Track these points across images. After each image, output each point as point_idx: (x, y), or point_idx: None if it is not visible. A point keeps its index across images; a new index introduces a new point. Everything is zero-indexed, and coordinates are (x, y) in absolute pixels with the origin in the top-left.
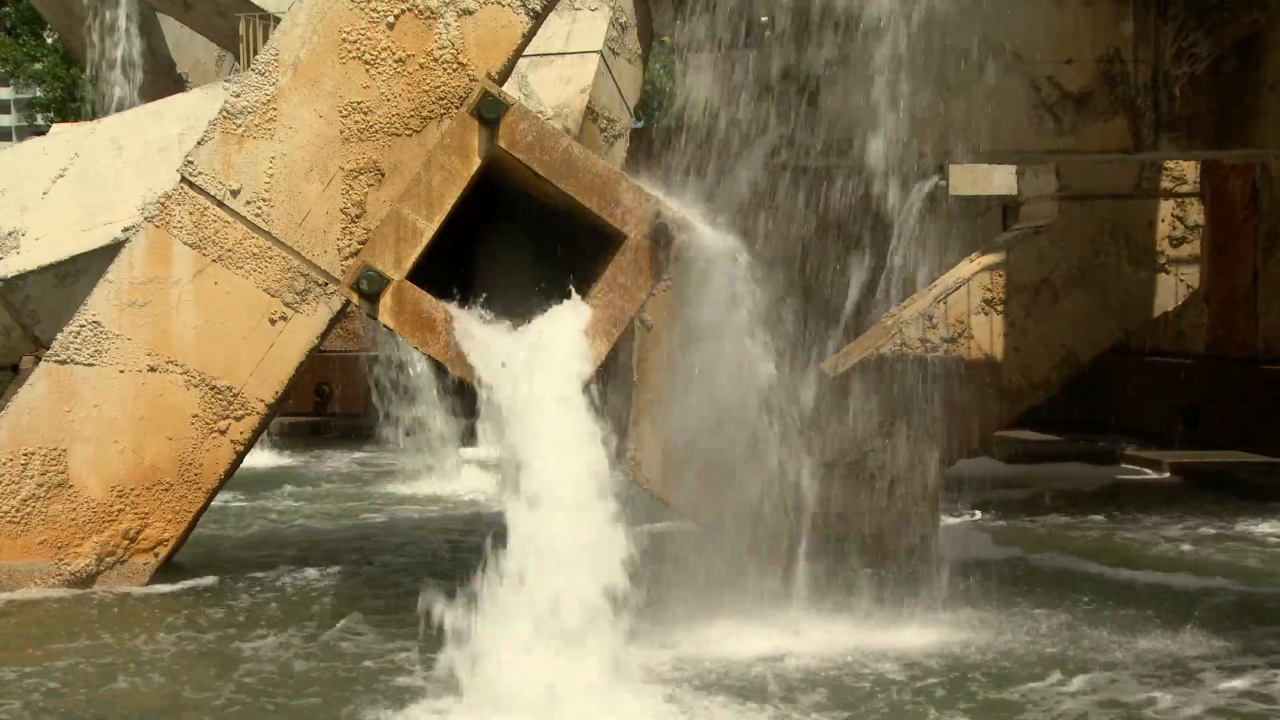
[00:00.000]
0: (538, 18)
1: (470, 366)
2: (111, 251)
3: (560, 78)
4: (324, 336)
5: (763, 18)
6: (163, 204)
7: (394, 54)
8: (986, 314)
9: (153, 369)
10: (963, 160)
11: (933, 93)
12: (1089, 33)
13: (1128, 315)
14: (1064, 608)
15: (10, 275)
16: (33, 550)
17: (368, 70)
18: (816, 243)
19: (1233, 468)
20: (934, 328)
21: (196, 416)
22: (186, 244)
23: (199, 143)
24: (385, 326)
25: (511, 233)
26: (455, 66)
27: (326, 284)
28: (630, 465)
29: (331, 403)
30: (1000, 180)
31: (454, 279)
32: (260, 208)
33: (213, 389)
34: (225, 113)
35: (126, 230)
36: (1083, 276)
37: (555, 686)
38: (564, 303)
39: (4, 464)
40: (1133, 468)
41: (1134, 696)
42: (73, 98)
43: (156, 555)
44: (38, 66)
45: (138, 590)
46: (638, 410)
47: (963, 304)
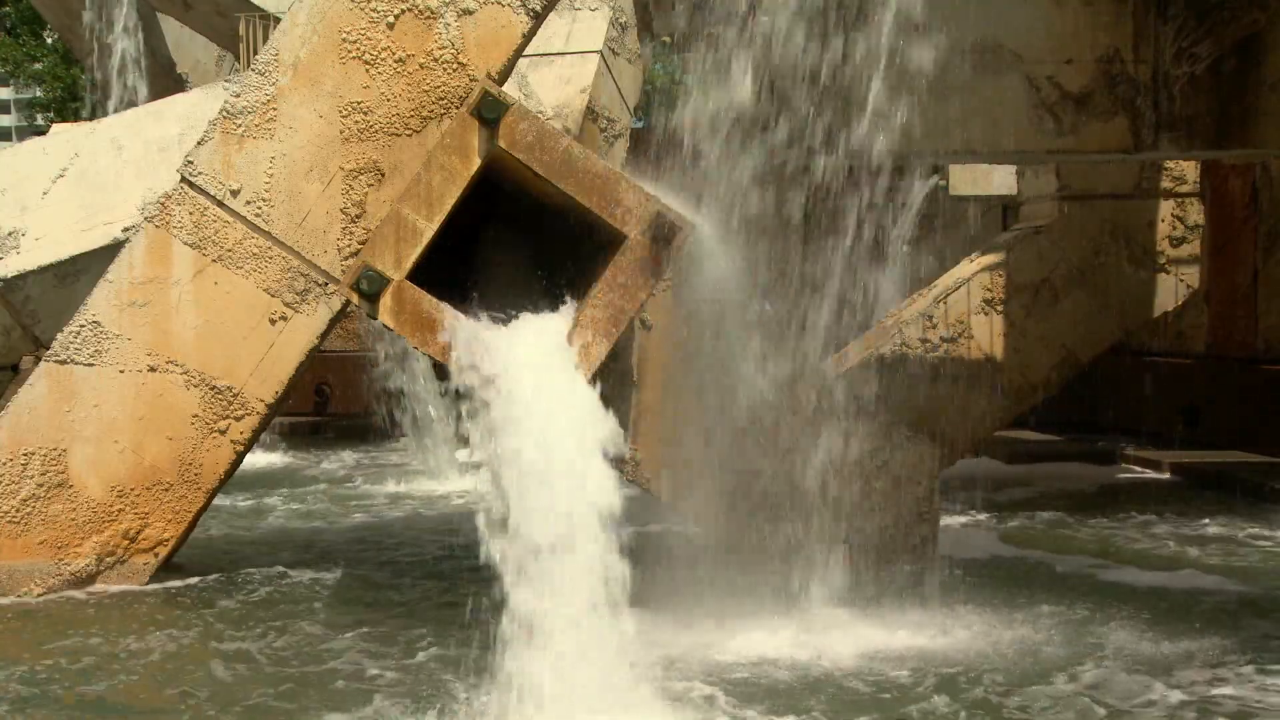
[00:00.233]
0: (538, 18)
1: (470, 367)
2: (111, 251)
3: (560, 78)
4: (324, 336)
5: (763, 17)
6: (163, 204)
7: (394, 54)
8: (986, 314)
9: (153, 369)
10: (962, 160)
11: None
12: (1089, 33)
13: (1128, 315)
14: (1064, 608)
15: (10, 275)
16: (33, 550)
17: (368, 70)
18: (815, 241)
19: (1233, 468)
20: (934, 328)
21: (196, 416)
22: (186, 244)
23: (199, 143)
24: (385, 326)
25: (511, 233)
26: (455, 66)
27: (326, 284)
28: (630, 465)
29: (331, 403)
30: (1000, 180)
31: (454, 279)
32: (260, 208)
33: (213, 389)
34: (225, 113)
35: (126, 230)
36: (1083, 276)
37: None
38: (563, 303)
39: (4, 464)
40: (1132, 468)
41: (1134, 696)
42: (73, 98)
43: (156, 555)
44: (38, 66)
45: (136, 590)
46: (638, 410)
47: (963, 304)
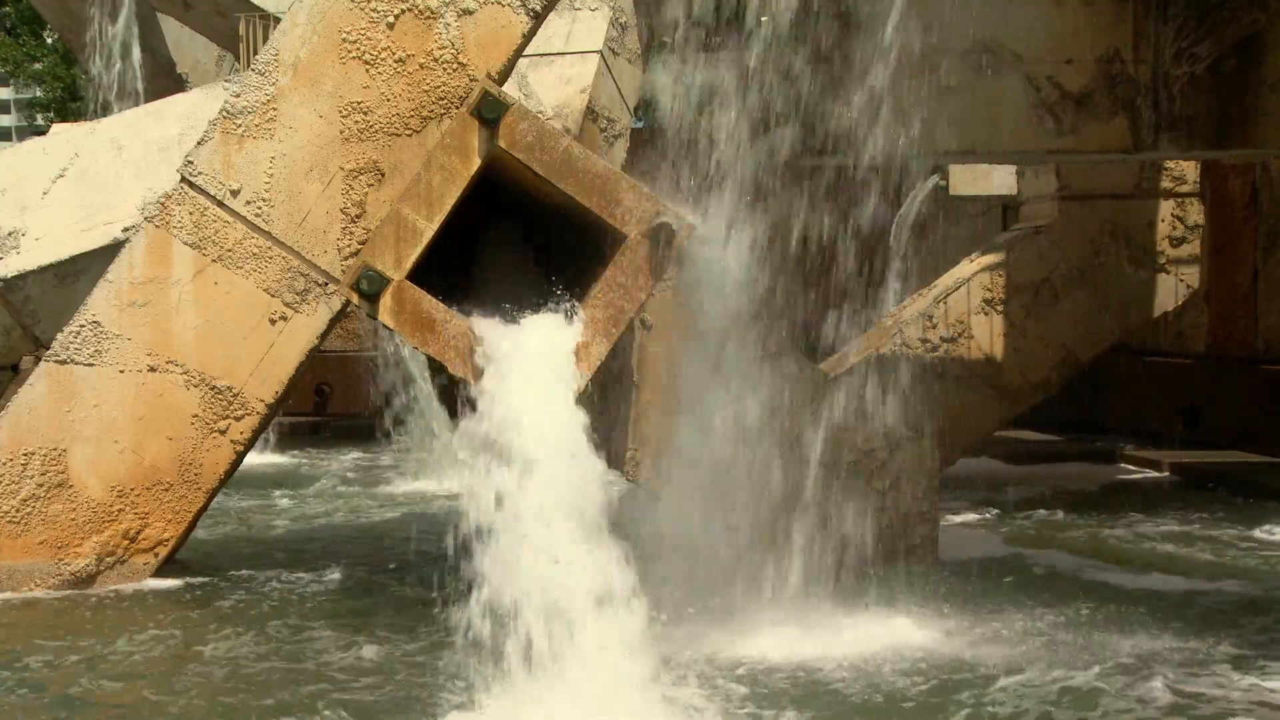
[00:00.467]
0: (538, 18)
1: (469, 367)
2: (111, 251)
3: (560, 78)
4: (324, 336)
5: (762, 17)
6: (163, 204)
7: (394, 54)
8: (986, 314)
9: (153, 369)
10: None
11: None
12: (1089, 33)
13: (1128, 315)
14: (1064, 607)
15: (10, 275)
16: (33, 550)
17: (368, 70)
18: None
19: (1233, 468)
20: (934, 328)
21: (196, 416)
22: (186, 244)
23: (199, 143)
24: (385, 326)
25: (511, 233)
26: (455, 66)
27: (326, 284)
28: (630, 466)
29: (331, 403)
30: (1000, 180)
31: (454, 279)
32: (260, 208)
33: (213, 389)
34: (225, 113)
35: (126, 230)
36: (1083, 276)
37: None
38: (563, 304)
39: (4, 464)
40: (1132, 467)
41: (1134, 696)
42: (73, 98)
43: (156, 555)
44: (38, 66)
45: (134, 590)
46: (638, 410)
47: (963, 304)
